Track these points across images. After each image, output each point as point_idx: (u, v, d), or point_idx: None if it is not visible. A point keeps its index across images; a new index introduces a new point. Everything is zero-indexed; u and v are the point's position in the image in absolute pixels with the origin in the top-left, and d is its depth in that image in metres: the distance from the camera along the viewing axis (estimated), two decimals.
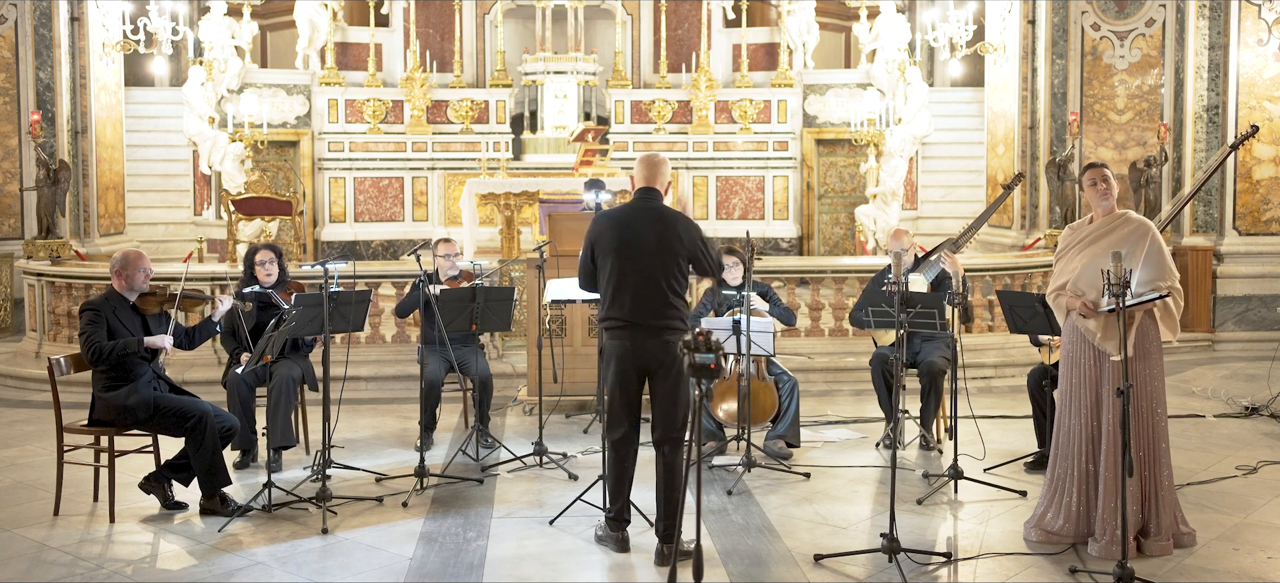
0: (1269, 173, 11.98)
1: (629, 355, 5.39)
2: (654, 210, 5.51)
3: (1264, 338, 11.25)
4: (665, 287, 5.40)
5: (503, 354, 9.82)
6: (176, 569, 5.40)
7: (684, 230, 5.49)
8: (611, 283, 5.43)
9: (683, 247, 5.45)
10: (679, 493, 5.40)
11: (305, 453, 7.42)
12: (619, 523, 5.54)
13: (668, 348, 5.35)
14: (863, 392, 9.12)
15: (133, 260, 6.26)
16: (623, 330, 5.40)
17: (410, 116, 14.87)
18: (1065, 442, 5.54)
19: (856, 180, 15.03)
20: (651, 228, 5.44)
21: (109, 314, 6.14)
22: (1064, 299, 5.50)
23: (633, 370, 5.41)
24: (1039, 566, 5.30)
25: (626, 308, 5.38)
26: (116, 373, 6.11)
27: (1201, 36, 11.90)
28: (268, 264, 7.32)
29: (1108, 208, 5.51)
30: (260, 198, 13.24)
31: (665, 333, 5.38)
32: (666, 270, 5.40)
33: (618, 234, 5.44)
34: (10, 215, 12.30)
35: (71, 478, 6.38)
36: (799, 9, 15.31)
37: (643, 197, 5.56)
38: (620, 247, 5.41)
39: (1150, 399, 5.41)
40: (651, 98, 15.15)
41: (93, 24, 12.74)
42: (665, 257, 5.40)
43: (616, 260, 5.41)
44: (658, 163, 5.61)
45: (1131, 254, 5.35)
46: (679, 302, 5.45)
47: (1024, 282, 10.32)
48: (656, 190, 5.57)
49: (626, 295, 5.38)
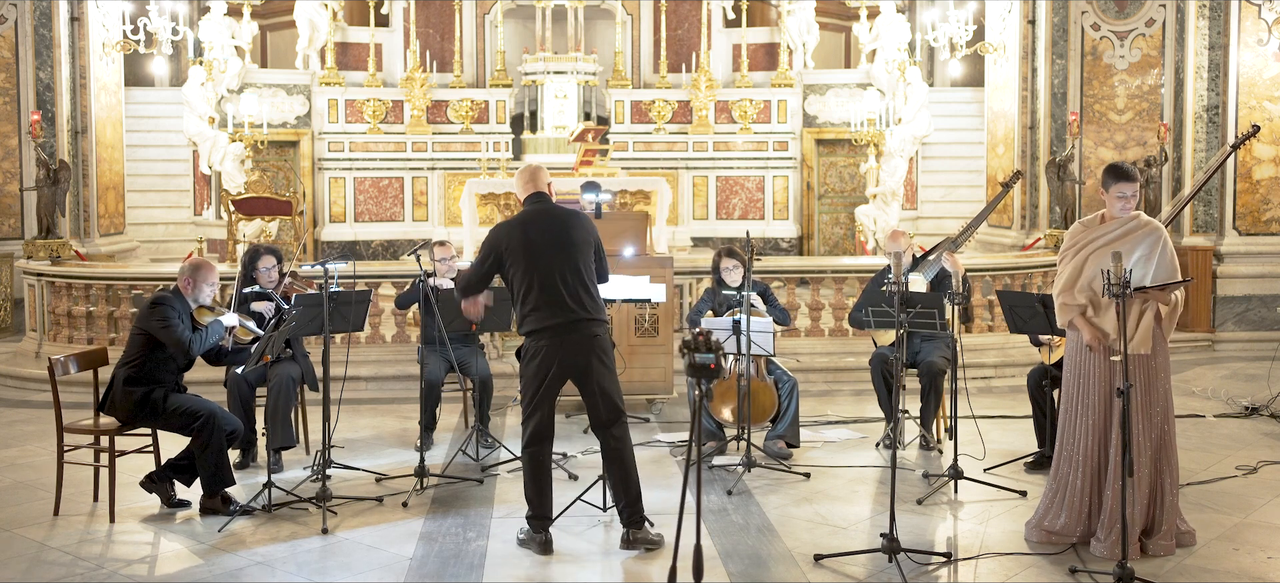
0: (1269, 173, 11.98)
1: (555, 357, 5.47)
2: (551, 210, 5.67)
3: (1264, 338, 11.25)
4: (584, 278, 5.53)
5: (503, 354, 9.82)
6: (177, 569, 5.40)
7: (586, 224, 5.68)
8: (527, 287, 5.51)
9: (589, 238, 5.61)
10: (635, 474, 5.54)
11: (305, 453, 7.43)
12: (542, 524, 5.57)
13: (595, 340, 5.49)
14: (863, 392, 9.12)
15: (203, 272, 6.29)
16: (546, 332, 5.48)
17: (410, 116, 14.88)
18: (1069, 442, 5.54)
19: (856, 180, 15.03)
20: (557, 225, 5.57)
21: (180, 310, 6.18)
22: (1067, 299, 5.49)
23: (558, 373, 5.50)
24: (1039, 566, 5.30)
25: (551, 307, 5.47)
26: (146, 369, 6.13)
27: (1201, 36, 11.90)
28: (270, 270, 7.32)
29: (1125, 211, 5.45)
30: (260, 198, 13.24)
31: (591, 325, 5.51)
32: (583, 262, 5.54)
33: (526, 236, 5.54)
34: (10, 215, 12.30)
35: (71, 478, 6.38)
36: (799, 9, 15.31)
37: (536, 200, 5.70)
38: (531, 248, 5.51)
39: (1163, 399, 5.39)
40: (651, 98, 15.15)
41: (93, 24, 12.74)
42: (577, 250, 5.53)
43: (532, 262, 5.49)
44: (535, 169, 5.82)
45: (1144, 255, 5.33)
46: (596, 292, 5.59)
47: (1024, 282, 10.33)
48: (545, 193, 5.73)
49: (545, 295, 5.47)
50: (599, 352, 5.51)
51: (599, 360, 5.51)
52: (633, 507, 5.51)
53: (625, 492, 5.52)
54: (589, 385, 5.53)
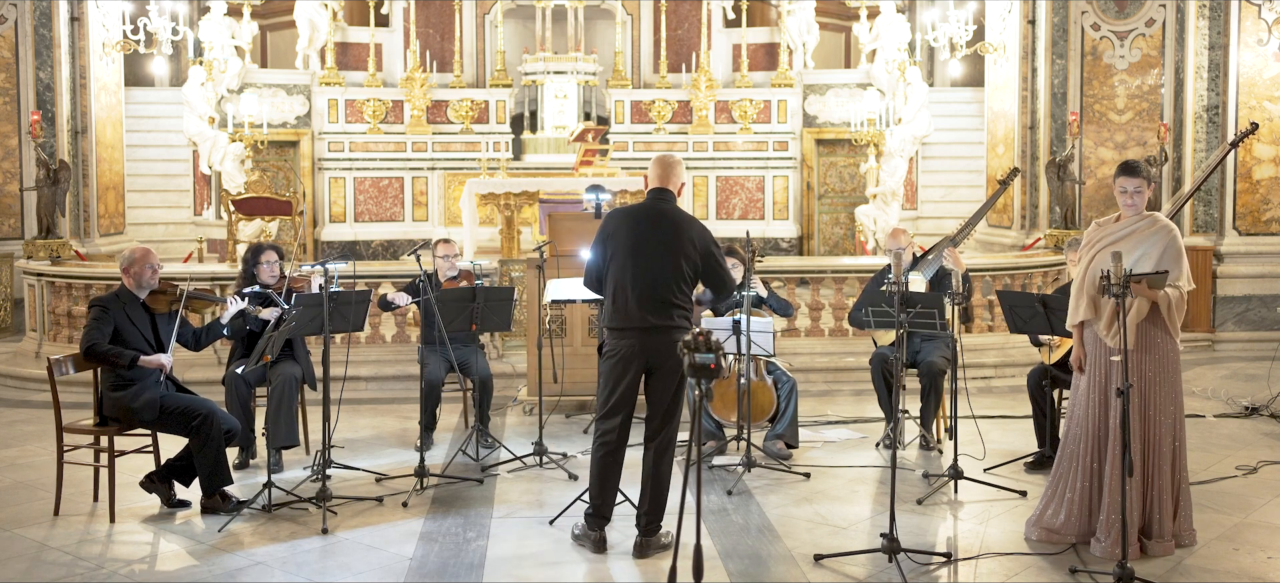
0: (1269, 173, 11.98)
1: (633, 355, 5.39)
2: (667, 211, 5.49)
3: (1264, 338, 11.25)
4: (671, 289, 5.39)
5: (503, 354, 9.82)
6: (176, 569, 5.40)
7: (697, 235, 5.48)
8: (618, 281, 5.42)
9: (695, 250, 5.44)
10: (665, 490, 5.46)
11: (305, 453, 7.42)
12: (599, 520, 5.52)
13: (670, 349, 5.34)
14: (863, 392, 9.12)
15: (140, 258, 6.31)
16: (627, 331, 5.40)
17: (410, 116, 14.88)
18: (1073, 441, 5.54)
19: (856, 180, 15.03)
20: (664, 229, 5.43)
21: (118, 312, 6.18)
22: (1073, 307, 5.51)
23: (635, 369, 5.41)
24: (1039, 566, 5.30)
25: (632, 308, 5.38)
26: (122, 375, 6.12)
27: (1201, 36, 11.89)
28: (272, 265, 7.33)
29: (1135, 208, 5.42)
30: (260, 198, 13.24)
31: (671, 333, 5.38)
32: (676, 272, 5.39)
33: (631, 232, 5.43)
34: (10, 215, 12.30)
35: (71, 478, 6.38)
36: (799, 9, 15.31)
37: (656, 197, 5.54)
38: (633, 245, 5.40)
39: (1159, 398, 5.39)
40: (651, 98, 15.15)
41: (93, 24, 12.74)
42: (674, 258, 5.39)
43: (627, 258, 5.40)
44: (672, 163, 5.60)
45: (1148, 254, 5.33)
46: (684, 302, 5.45)
47: (1024, 282, 10.32)
48: (670, 191, 5.55)
49: (633, 295, 5.38)
50: (673, 359, 5.32)
51: (666, 369, 5.38)
52: (653, 516, 5.45)
53: (650, 500, 5.44)
54: (652, 388, 5.45)
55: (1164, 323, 5.37)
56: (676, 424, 5.49)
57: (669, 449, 5.48)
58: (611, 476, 5.50)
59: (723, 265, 5.59)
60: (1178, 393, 5.46)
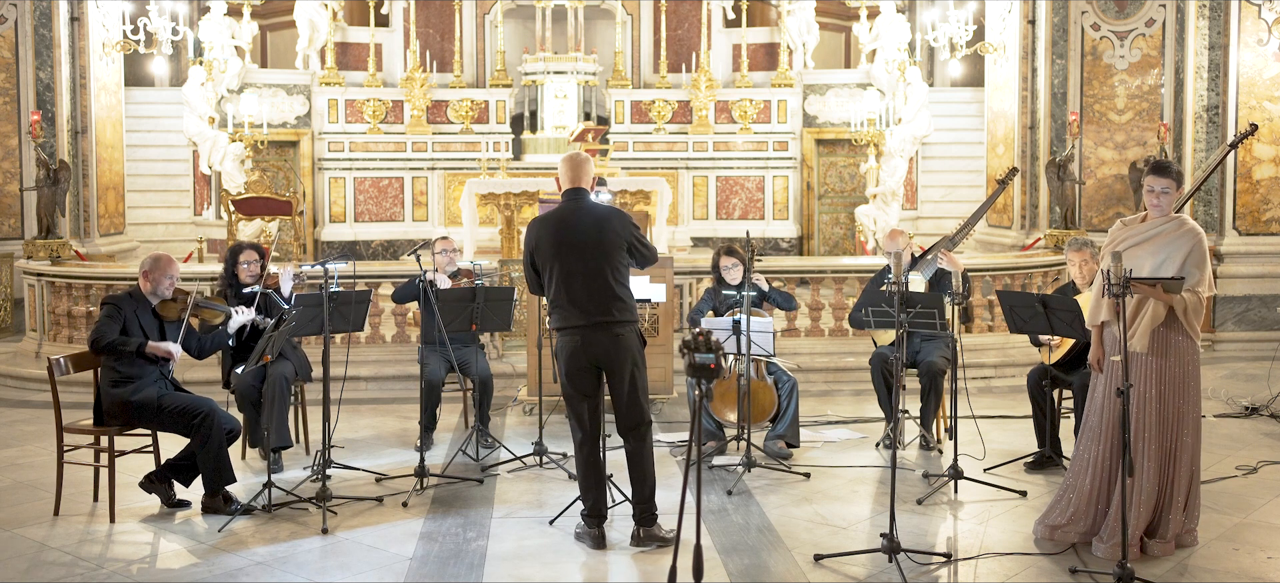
0: (1269, 173, 11.97)
1: (581, 353, 5.50)
2: (586, 208, 5.63)
3: (1264, 338, 11.24)
4: (610, 281, 5.51)
5: (503, 354, 9.82)
6: (177, 569, 5.40)
7: (619, 223, 5.62)
8: (556, 285, 5.54)
9: (620, 239, 5.57)
10: (651, 476, 5.58)
11: (305, 453, 7.43)
12: (597, 519, 5.61)
13: (619, 341, 5.49)
14: (863, 392, 9.12)
15: (163, 265, 6.32)
16: (573, 330, 5.51)
17: (410, 116, 14.88)
18: (1087, 440, 5.52)
19: (856, 180, 15.03)
20: (587, 225, 5.55)
21: (129, 312, 6.18)
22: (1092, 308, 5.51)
23: (587, 367, 5.52)
24: (1039, 566, 5.30)
25: (575, 307, 5.49)
26: (122, 370, 6.12)
27: (1201, 36, 11.89)
28: (252, 264, 7.32)
29: (1161, 209, 5.35)
30: (260, 198, 13.25)
31: (615, 327, 5.50)
32: (610, 264, 5.52)
33: (555, 236, 5.55)
34: (10, 215, 12.29)
35: (71, 478, 6.38)
36: (799, 9, 15.31)
37: (572, 197, 5.67)
38: (560, 248, 5.52)
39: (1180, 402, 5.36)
40: (651, 98, 15.15)
41: (93, 24, 12.74)
42: (605, 251, 5.51)
43: (558, 262, 5.51)
44: (581, 161, 5.74)
45: (1172, 258, 5.30)
46: (625, 293, 5.57)
47: (1024, 282, 10.32)
48: (584, 189, 5.69)
49: (573, 295, 5.49)
50: (622, 352, 5.50)
51: (619, 363, 5.51)
52: (644, 505, 5.56)
53: (638, 490, 5.57)
54: (611, 386, 5.56)
55: (1182, 326, 5.36)
56: (645, 409, 5.59)
57: (646, 437, 5.58)
58: (594, 472, 5.60)
59: (645, 242, 5.72)
60: (1197, 396, 5.44)
